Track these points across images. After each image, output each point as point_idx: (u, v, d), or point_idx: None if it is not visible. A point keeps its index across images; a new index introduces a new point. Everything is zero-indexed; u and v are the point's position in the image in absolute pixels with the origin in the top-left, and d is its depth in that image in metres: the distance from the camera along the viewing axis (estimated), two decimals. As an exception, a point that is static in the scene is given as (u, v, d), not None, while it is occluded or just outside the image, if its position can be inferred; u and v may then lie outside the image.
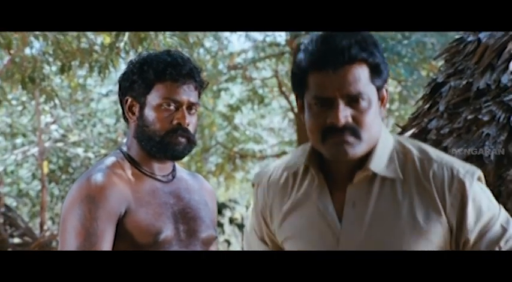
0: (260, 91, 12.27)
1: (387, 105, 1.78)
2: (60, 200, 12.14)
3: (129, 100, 2.24)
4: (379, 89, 1.72)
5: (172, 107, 2.21)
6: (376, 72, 1.70)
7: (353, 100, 1.68)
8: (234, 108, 12.17)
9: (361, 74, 1.68)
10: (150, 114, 2.21)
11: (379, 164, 1.74)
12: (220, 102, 12.88)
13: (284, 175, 1.85)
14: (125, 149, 2.27)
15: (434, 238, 1.70)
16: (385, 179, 1.73)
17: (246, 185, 14.31)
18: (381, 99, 1.73)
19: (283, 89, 11.73)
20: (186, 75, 2.22)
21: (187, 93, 2.22)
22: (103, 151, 11.59)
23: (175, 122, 2.20)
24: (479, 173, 1.73)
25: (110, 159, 2.22)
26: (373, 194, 1.73)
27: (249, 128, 13.29)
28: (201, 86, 2.27)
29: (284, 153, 12.71)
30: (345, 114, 1.67)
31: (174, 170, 2.31)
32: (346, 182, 1.75)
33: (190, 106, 2.23)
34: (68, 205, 2.13)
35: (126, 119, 2.28)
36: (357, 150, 1.69)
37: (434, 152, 1.76)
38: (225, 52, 11.61)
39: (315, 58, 1.68)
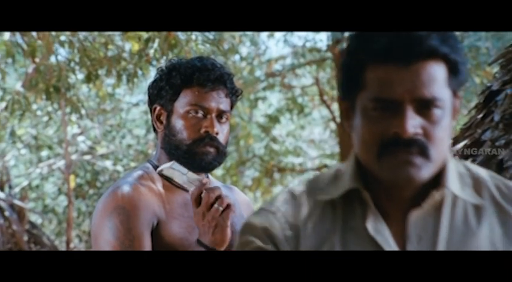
0: (300, 100, 12.22)
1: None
2: (88, 217, 12.20)
3: (157, 108, 2.25)
4: (453, 95, 1.42)
5: (200, 115, 2.20)
6: (454, 72, 1.40)
7: (425, 106, 1.38)
8: (272, 119, 12.13)
9: (438, 73, 1.38)
10: (177, 122, 2.21)
11: (454, 185, 1.44)
12: (257, 112, 12.87)
13: (318, 209, 1.47)
14: (154, 161, 2.27)
15: None
16: (456, 205, 1.44)
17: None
18: (454, 109, 1.43)
19: (325, 97, 11.68)
20: (215, 80, 2.21)
21: (216, 100, 2.21)
22: (133, 164, 11.61)
23: (203, 130, 2.19)
24: None
25: (137, 172, 2.23)
26: (443, 226, 1.43)
27: (288, 140, 13.24)
28: (233, 94, 2.26)
29: (325, 166, 12.64)
30: (413, 123, 1.37)
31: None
32: (403, 210, 1.44)
33: (221, 114, 2.22)
34: (98, 221, 2.13)
35: (155, 130, 2.29)
36: (424, 173, 1.39)
37: (504, 178, 1.53)
38: (262, 58, 11.60)
39: (381, 47, 1.37)
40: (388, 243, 1.42)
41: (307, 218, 1.46)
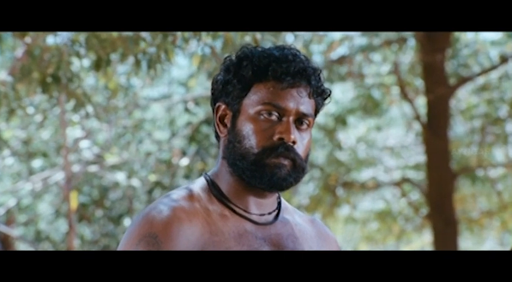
0: (373, 93, 12.14)
1: None
2: (94, 246, 12.22)
3: (221, 107, 2.34)
4: None
5: (274, 117, 2.26)
6: None
7: None
8: (337, 119, 12.10)
9: None
10: (244, 125, 2.28)
11: None
12: (317, 110, 12.79)
13: None
14: (211, 176, 2.35)
15: None
16: None
17: (352, 226, 14.14)
18: None
19: (406, 90, 11.55)
20: (295, 74, 2.26)
21: (295, 100, 2.26)
22: (153, 177, 11.66)
23: (276, 136, 2.25)
24: None
25: (185, 190, 2.30)
26: None
27: (357, 146, 13.16)
28: (318, 94, 2.30)
29: (407, 181, 12.46)
30: None
31: (278, 208, 2.36)
32: None
33: (300, 118, 2.27)
34: (123, 247, 2.22)
35: (217, 135, 2.37)
36: None
37: None
38: (322, 40, 11.54)
39: None
40: None
41: None
